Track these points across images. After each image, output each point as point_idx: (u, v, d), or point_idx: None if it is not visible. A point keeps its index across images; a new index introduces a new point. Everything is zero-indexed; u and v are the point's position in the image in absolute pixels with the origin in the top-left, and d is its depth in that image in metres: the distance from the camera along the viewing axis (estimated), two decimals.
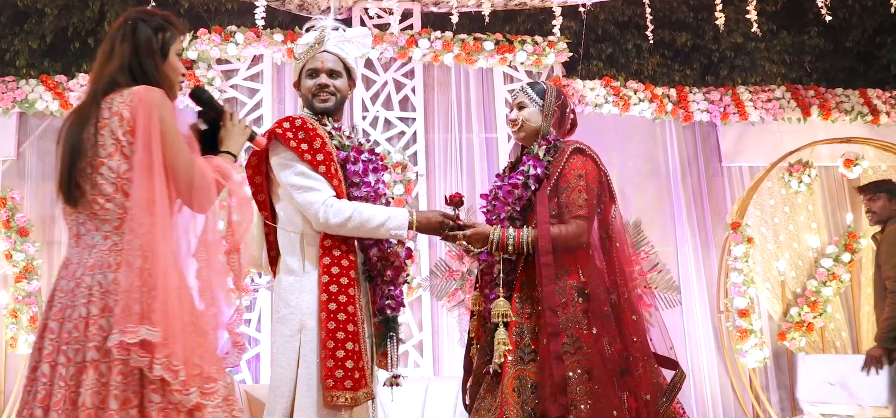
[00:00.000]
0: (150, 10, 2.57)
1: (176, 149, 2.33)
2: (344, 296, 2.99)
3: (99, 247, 2.31)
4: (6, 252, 6.70)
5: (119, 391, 2.15)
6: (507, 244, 3.25)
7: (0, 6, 7.83)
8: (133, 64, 2.44)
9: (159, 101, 2.34)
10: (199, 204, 2.39)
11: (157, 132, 2.29)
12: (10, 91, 6.94)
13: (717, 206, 7.70)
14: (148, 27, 2.50)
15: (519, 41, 7.33)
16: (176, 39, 2.55)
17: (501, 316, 3.21)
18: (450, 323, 6.95)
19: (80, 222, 2.36)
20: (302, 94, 3.31)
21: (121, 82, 2.40)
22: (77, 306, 2.25)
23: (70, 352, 2.21)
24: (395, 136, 7.22)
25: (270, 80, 7.16)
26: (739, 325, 7.14)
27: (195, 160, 2.40)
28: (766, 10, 8.47)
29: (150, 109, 2.31)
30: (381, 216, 3.06)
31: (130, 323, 2.14)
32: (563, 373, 3.06)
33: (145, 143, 2.28)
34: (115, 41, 2.48)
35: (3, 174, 6.97)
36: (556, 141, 3.42)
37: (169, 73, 2.53)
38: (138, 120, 2.30)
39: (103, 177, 2.32)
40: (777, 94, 7.82)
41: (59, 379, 2.19)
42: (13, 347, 6.60)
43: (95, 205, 2.32)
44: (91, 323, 2.22)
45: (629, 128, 7.69)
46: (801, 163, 7.53)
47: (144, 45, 2.47)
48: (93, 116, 2.36)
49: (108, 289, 2.24)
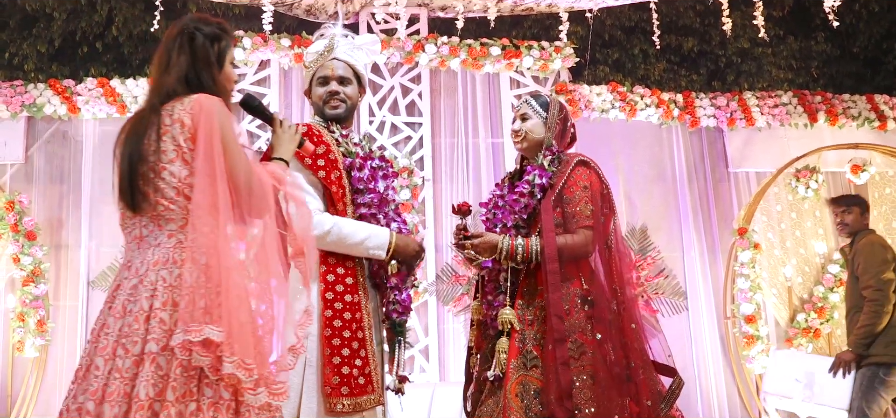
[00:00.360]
0: (205, 17, 2.61)
1: (235, 156, 2.39)
2: (340, 303, 3.01)
3: (163, 245, 2.35)
4: (14, 255, 6.73)
5: (178, 384, 2.18)
6: (517, 253, 3.29)
7: (8, 11, 7.86)
8: (190, 74, 2.50)
9: (219, 109, 2.40)
10: (256, 209, 2.44)
11: (218, 139, 2.35)
12: (19, 95, 6.97)
13: (723, 212, 7.69)
14: (204, 37, 2.55)
15: (525, 46, 7.34)
16: (230, 48, 2.62)
17: (507, 324, 3.24)
18: (456, 327, 6.95)
19: (143, 225, 2.41)
20: (313, 101, 3.33)
21: (179, 92, 2.46)
22: (139, 301, 2.29)
23: (128, 345, 2.24)
24: (401, 141, 7.23)
25: (278, 85, 7.18)
26: (746, 331, 7.13)
27: (252, 167, 2.45)
28: (772, 15, 8.46)
29: (210, 117, 2.37)
30: (361, 233, 3.07)
31: (195, 322, 2.19)
32: (570, 379, 3.11)
33: (207, 150, 2.34)
34: (172, 51, 2.53)
35: (12, 178, 7.00)
36: (560, 152, 3.47)
37: (224, 82, 2.59)
38: (200, 127, 2.36)
39: (165, 182, 2.37)
40: (784, 99, 7.80)
41: (115, 371, 2.22)
42: (20, 350, 6.62)
43: (159, 207, 2.37)
44: (152, 316, 2.25)
45: (636, 134, 7.68)
46: (808, 169, 7.51)
47: (202, 56, 2.53)
48: (153, 124, 2.41)
49: (172, 284, 2.28)
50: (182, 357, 2.19)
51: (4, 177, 6.99)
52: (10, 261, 6.77)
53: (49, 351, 6.78)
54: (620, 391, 3.16)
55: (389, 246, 3.14)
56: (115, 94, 7.05)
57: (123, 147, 2.47)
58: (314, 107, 3.34)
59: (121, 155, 2.47)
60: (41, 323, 6.62)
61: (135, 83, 7.10)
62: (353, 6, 7.39)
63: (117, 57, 7.99)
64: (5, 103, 6.94)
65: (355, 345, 3.01)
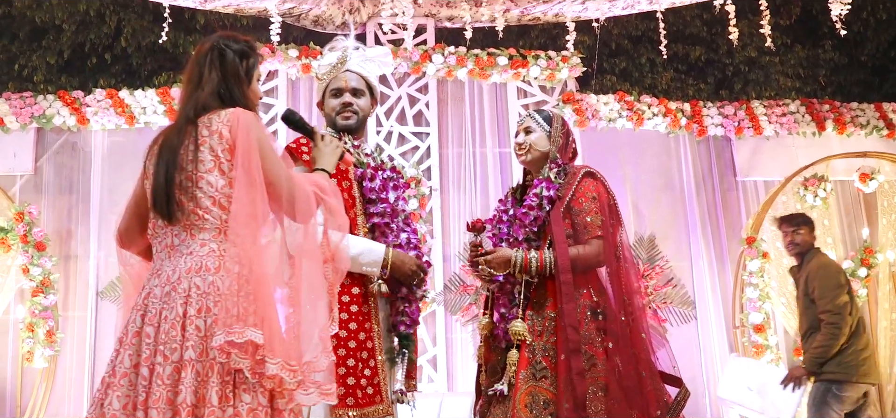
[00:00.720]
0: (234, 35, 2.68)
1: (275, 165, 2.46)
2: (346, 313, 3.01)
3: (196, 252, 2.39)
4: (23, 266, 6.76)
5: (218, 388, 2.22)
6: (531, 265, 3.32)
7: (18, 22, 7.91)
8: (222, 89, 2.57)
9: (255, 122, 2.48)
10: (300, 215, 2.49)
11: (255, 150, 2.41)
12: (28, 106, 7.01)
13: (731, 221, 7.67)
14: (234, 53, 2.62)
15: (532, 56, 7.35)
16: (257, 66, 2.69)
17: (518, 336, 3.26)
18: (464, 337, 6.95)
19: (176, 234, 2.44)
20: (325, 113, 3.35)
21: (213, 105, 2.52)
22: (174, 307, 2.32)
23: (167, 352, 2.27)
24: (409, 151, 7.24)
25: (285, 95, 7.20)
26: (755, 341, 7.11)
27: (293, 175, 2.53)
28: (780, 24, 8.46)
29: (248, 130, 2.43)
30: (356, 248, 3.05)
31: (236, 325, 2.23)
32: (585, 389, 3.15)
33: (245, 161, 2.39)
34: (204, 67, 2.59)
35: (21, 189, 7.03)
36: (566, 164, 3.50)
37: (252, 97, 2.66)
38: (238, 139, 2.42)
39: (202, 192, 2.41)
40: (791, 108, 7.79)
41: (158, 378, 2.25)
42: (29, 361, 6.64)
43: (194, 217, 2.41)
44: (188, 323, 2.29)
45: (643, 143, 7.68)
46: (817, 178, 7.50)
47: (232, 72, 2.60)
48: (190, 135, 2.46)
49: (205, 290, 2.32)
50: (220, 359, 2.23)
51: (14, 187, 7.03)
52: (20, 271, 6.80)
53: (58, 361, 6.80)
54: (630, 403, 3.18)
55: (385, 261, 3.12)
56: (124, 105, 7.08)
57: (158, 158, 2.51)
58: (326, 118, 3.36)
59: (156, 165, 2.50)
60: (50, 334, 6.64)
61: (143, 94, 7.13)
62: (360, 17, 7.41)
63: (126, 68, 8.03)
64: (15, 114, 6.98)
65: (364, 355, 3.01)
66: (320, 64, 3.40)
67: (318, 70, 3.39)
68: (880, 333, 7.36)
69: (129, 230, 2.65)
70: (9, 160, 7.06)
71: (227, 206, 2.40)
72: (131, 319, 2.41)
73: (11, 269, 6.85)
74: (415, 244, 3.30)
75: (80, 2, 7.76)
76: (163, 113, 7.06)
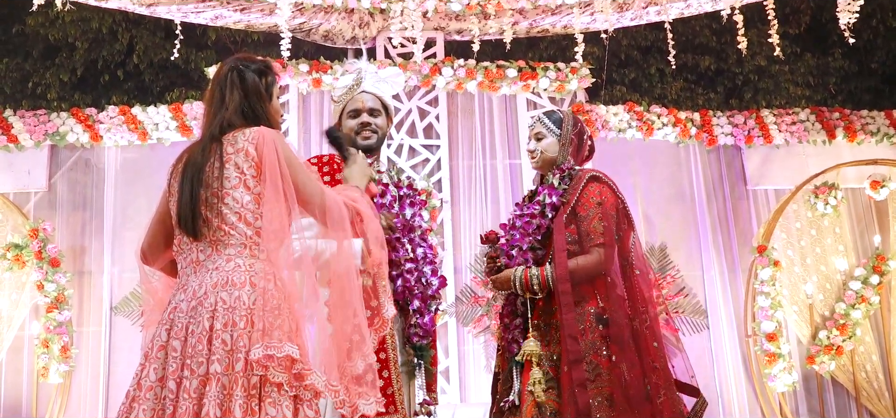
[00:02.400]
0: (250, 56, 2.73)
1: (305, 178, 2.51)
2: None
3: (222, 268, 2.41)
4: (38, 282, 6.80)
5: (242, 401, 2.25)
6: (532, 284, 3.32)
7: (31, 40, 7.99)
8: (245, 108, 2.61)
9: (280, 139, 2.53)
10: (332, 225, 2.52)
11: (283, 166, 2.46)
12: (42, 124, 7.07)
13: (742, 230, 7.66)
14: (253, 73, 2.66)
15: (542, 68, 7.37)
16: (276, 84, 2.74)
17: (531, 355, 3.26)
18: (476, 349, 6.95)
19: (201, 250, 2.47)
20: (343, 134, 3.36)
21: (236, 124, 2.57)
22: (200, 321, 2.35)
23: (194, 365, 2.30)
24: (419, 164, 7.27)
25: (296, 110, 7.24)
26: (767, 349, 7.09)
27: (323, 187, 2.56)
28: (789, 32, 8.46)
29: (274, 146, 2.48)
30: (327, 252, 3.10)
31: (274, 340, 2.28)
32: (587, 401, 3.11)
33: (273, 178, 2.45)
34: (225, 89, 2.64)
35: (35, 205, 7.09)
36: (572, 169, 3.49)
37: (273, 114, 2.69)
38: (264, 156, 2.47)
39: (228, 208, 2.45)
40: (802, 116, 7.79)
41: (184, 391, 2.28)
42: (44, 377, 6.68)
43: (220, 233, 2.45)
44: (214, 337, 2.31)
45: (653, 153, 7.69)
46: (827, 186, 7.48)
47: (253, 91, 2.64)
48: (215, 153, 2.51)
49: (231, 305, 2.34)
50: (258, 372, 2.27)
51: (28, 204, 7.08)
52: (35, 287, 6.84)
53: (73, 376, 6.84)
54: (636, 412, 3.15)
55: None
56: (137, 122, 7.13)
57: (183, 176, 2.54)
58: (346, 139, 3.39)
59: (181, 183, 2.54)
60: (65, 350, 6.68)
61: (156, 110, 7.18)
62: (370, 31, 7.45)
63: (138, 85, 8.10)
64: (29, 132, 7.05)
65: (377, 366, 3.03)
66: (336, 87, 3.45)
67: (334, 93, 3.44)
68: (893, 340, 7.33)
69: (152, 247, 2.68)
70: (23, 177, 7.11)
71: (252, 222, 2.44)
72: (157, 333, 2.44)
73: (26, 286, 6.89)
74: (430, 259, 3.33)
75: (92, 20, 7.83)
76: (175, 129, 7.11)
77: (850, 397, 7.31)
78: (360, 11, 7.23)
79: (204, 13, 7.14)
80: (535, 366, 3.25)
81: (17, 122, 7.08)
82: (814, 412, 7.33)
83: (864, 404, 7.23)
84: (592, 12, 7.19)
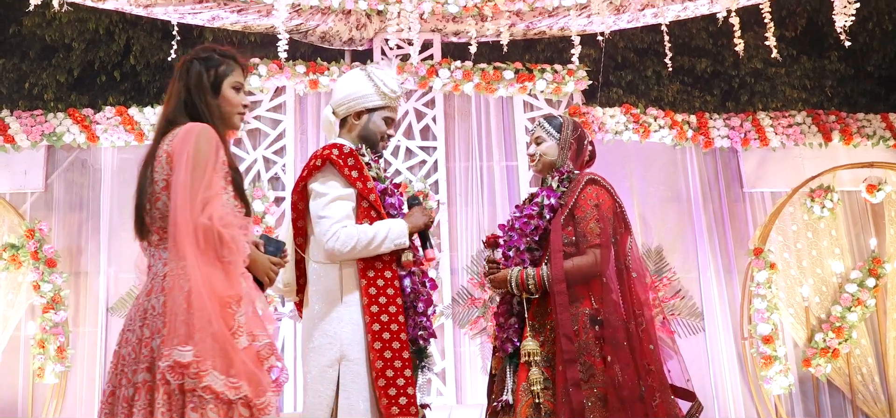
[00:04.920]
0: (208, 46, 2.67)
1: (195, 178, 2.36)
2: (395, 324, 3.04)
3: (158, 272, 2.41)
4: (34, 283, 6.80)
5: (164, 408, 2.21)
6: (528, 282, 3.34)
7: (28, 41, 7.97)
8: (188, 102, 2.57)
9: (198, 134, 2.43)
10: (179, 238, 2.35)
11: (189, 165, 2.36)
12: (39, 124, 7.07)
13: (739, 232, 7.68)
14: (201, 64, 2.60)
15: (538, 70, 7.38)
16: (231, 73, 2.65)
17: (529, 355, 3.26)
18: (472, 350, 6.95)
19: (151, 254, 2.48)
20: (366, 127, 3.31)
21: (178, 121, 2.52)
22: (135, 329, 2.36)
23: (129, 372, 2.32)
24: (416, 165, 7.27)
25: (293, 111, 7.24)
26: (763, 352, 7.09)
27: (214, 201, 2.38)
28: (785, 35, 8.46)
29: (185, 145, 2.40)
30: (382, 231, 3.09)
31: (177, 345, 2.21)
32: (582, 400, 3.13)
33: (177, 177, 2.37)
34: (174, 82, 2.61)
35: (32, 206, 7.09)
36: (570, 172, 3.51)
37: (223, 106, 2.62)
38: (174, 153, 2.41)
39: (158, 210, 2.44)
40: (798, 119, 7.81)
41: (121, 401, 2.29)
42: (40, 377, 6.68)
43: (154, 236, 2.44)
44: (143, 345, 2.31)
45: (650, 155, 7.70)
46: (823, 189, 7.49)
47: (195, 84, 2.58)
48: (152, 156, 2.49)
49: (159, 311, 2.32)
50: (169, 378, 2.21)
51: (25, 204, 7.08)
52: (31, 288, 6.84)
53: (69, 377, 6.84)
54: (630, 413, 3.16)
55: (409, 230, 3.18)
56: (133, 123, 7.14)
57: (137, 179, 2.55)
58: (361, 129, 3.31)
59: (136, 187, 2.55)
60: (61, 350, 6.68)
61: (152, 111, 7.20)
62: (367, 33, 7.46)
63: (135, 85, 8.08)
64: (25, 132, 7.05)
65: (398, 365, 3.03)
66: (386, 79, 3.33)
67: (384, 84, 3.31)
68: (889, 343, 7.34)
69: None
70: (19, 178, 7.11)
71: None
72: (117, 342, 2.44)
73: (22, 286, 6.89)
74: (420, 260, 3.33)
75: (89, 20, 7.82)
76: None
77: (846, 400, 7.32)
78: (357, 13, 7.24)
79: (201, 14, 7.14)
80: (534, 367, 3.26)
81: (14, 123, 7.08)
82: (809, 415, 7.34)
83: (860, 407, 7.24)
84: (589, 15, 7.21)
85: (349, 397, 2.98)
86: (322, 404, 2.99)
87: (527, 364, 3.27)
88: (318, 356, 3.05)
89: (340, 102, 3.31)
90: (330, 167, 3.13)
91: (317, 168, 3.13)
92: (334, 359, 3.03)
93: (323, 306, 3.11)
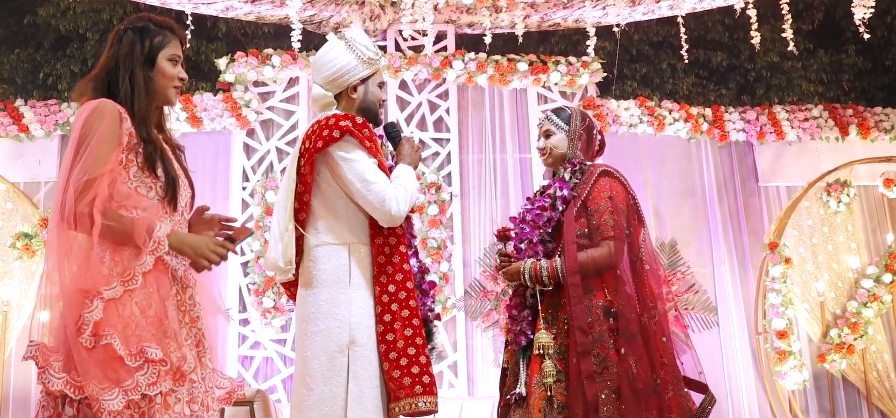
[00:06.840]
0: (144, 16, 2.50)
1: (76, 160, 2.24)
2: (407, 309, 2.93)
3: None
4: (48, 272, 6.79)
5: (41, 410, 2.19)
6: (541, 275, 3.33)
7: (43, 31, 8.00)
8: (111, 74, 2.40)
9: (90, 112, 2.28)
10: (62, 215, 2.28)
11: (73, 146, 2.25)
12: (53, 114, 7.09)
13: (754, 226, 7.63)
14: (134, 35, 2.42)
15: (553, 62, 7.34)
16: (167, 44, 2.46)
17: (543, 348, 3.25)
18: (484, 343, 6.93)
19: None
20: (365, 98, 3.17)
21: (101, 93, 2.37)
22: None
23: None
24: (429, 157, 7.25)
25: (306, 102, 7.23)
26: (778, 347, 7.05)
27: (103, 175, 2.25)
28: (802, 29, 8.40)
29: (75, 125, 2.26)
30: (407, 180, 3.06)
31: (39, 343, 2.16)
32: (596, 393, 3.13)
33: (65, 159, 2.27)
34: (105, 52, 2.44)
35: (45, 195, 7.10)
36: (582, 163, 3.49)
37: (156, 79, 2.45)
38: (69, 138, 2.29)
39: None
40: (814, 113, 7.75)
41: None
42: None
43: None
44: None
45: (664, 148, 7.66)
46: (840, 183, 7.44)
47: (126, 54, 2.41)
48: None
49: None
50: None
51: (39, 194, 7.10)
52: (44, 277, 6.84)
53: None
54: (643, 405, 3.15)
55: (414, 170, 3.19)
56: None
57: None
58: (360, 102, 3.16)
59: None
60: None
61: None
62: (381, 23, 7.43)
63: None
64: (39, 122, 7.06)
65: (419, 340, 2.94)
66: (367, 45, 3.15)
67: (364, 50, 3.13)
68: None
69: None
70: (33, 167, 7.13)
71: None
72: None
73: (36, 275, 6.91)
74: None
75: (103, 11, 7.83)
76: (185, 120, 7.10)
77: (861, 396, 7.27)
78: (372, 4, 7.22)
79: (215, 4, 7.13)
80: (548, 359, 3.24)
81: (28, 112, 7.09)
82: (824, 410, 7.30)
83: (875, 403, 7.18)
84: (604, 7, 7.16)
85: (360, 384, 2.87)
86: (334, 392, 2.86)
87: (540, 356, 3.26)
88: (326, 340, 2.90)
89: (331, 79, 3.11)
90: (350, 137, 2.96)
91: (334, 138, 2.95)
92: (343, 345, 2.89)
93: (329, 289, 2.95)
